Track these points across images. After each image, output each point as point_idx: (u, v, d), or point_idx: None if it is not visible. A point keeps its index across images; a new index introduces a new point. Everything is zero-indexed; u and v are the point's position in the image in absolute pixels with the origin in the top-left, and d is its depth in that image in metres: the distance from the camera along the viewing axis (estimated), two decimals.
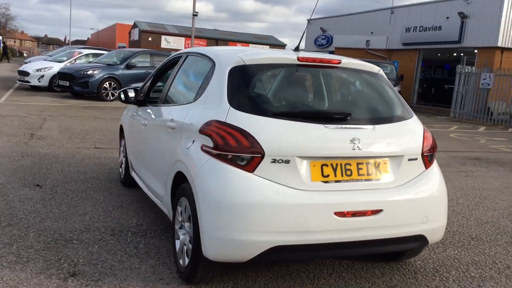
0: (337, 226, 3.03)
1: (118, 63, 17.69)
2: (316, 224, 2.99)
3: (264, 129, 3.05)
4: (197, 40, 48.78)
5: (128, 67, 17.37)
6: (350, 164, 3.15)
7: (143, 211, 4.96)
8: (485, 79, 19.39)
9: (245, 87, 3.31)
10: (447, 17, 23.42)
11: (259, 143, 2.99)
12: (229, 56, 3.53)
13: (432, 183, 3.42)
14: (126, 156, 5.64)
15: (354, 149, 3.14)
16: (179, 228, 3.58)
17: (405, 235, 3.25)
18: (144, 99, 5.13)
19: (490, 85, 19.23)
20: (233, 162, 3.01)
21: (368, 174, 3.19)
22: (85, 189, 5.65)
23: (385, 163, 3.25)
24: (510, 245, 4.70)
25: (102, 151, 7.96)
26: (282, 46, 63.85)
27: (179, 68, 4.39)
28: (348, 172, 3.14)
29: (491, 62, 20.99)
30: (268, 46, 61.86)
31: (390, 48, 26.96)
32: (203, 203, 3.03)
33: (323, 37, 32.76)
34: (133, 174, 5.34)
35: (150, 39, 57.98)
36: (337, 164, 3.13)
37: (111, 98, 16.80)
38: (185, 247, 3.41)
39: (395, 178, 3.27)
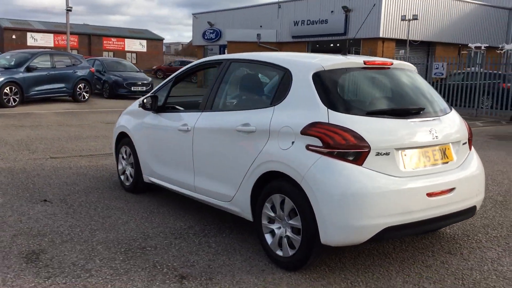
0: (428, 205, 3.61)
1: (15, 65, 16.46)
2: (414, 205, 3.54)
3: (365, 127, 3.52)
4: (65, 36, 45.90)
5: (29, 69, 16.29)
6: (429, 152, 3.75)
7: (179, 214, 5.11)
8: (437, 68, 20.37)
9: (333, 90, 3.74)
10: (332, 11, 25.26)
11: (365, 140, 3.45)
12: (306, 63, 3.92)
13: (478, 162, 4.16)
14: (136, 164, 5.66)
15: (433, 138, 3.74)
16: (268, 222, 3.89)
17: (466, 207, 3.93)
18: (163, 106, 5.25)
19: (444, 74, 20.42)
20: (343, 158, 3.44)
21: (441, 159, 3.82)
22: (97, 200, 5.59)
23: (449, 148, 3.90)
24: None
25: (62, 161, 7.68)
26: (159, 40, 62.96)
27: (223, 75, 4.60)
28: (429, 158, 3.74)
29: (375, 52, 23.15)
30: (145, 41, 60.64)
31: (280, 41, 28.29)
32: (321, 197, 3.41)
33: (211, 31, 33.25)
34: (153, 180, 5.42)
35: (14, 37, 53.71)
36: (422, 152, 3.71)
37: (13, 104, 15.64)
38: (284, 239, 3.74)
39: (456, 161, 3.93)
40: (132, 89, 21.09)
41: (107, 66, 22.12)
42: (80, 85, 18.14)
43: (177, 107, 5.33)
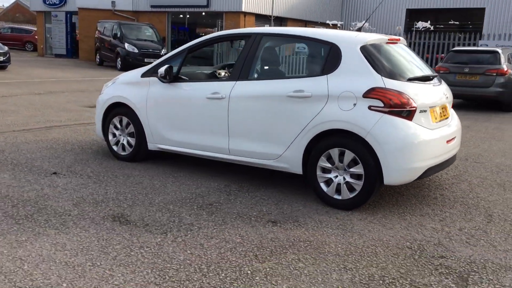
0: (446, 150, 4.80)
1: None
2: (441, 150, 4.69)
3: (411, 90, 4.51)
4: None
5: None
6: (442, 109, 4.90)
7: (206, 176, 5.57)
8: None
9: (379, 61, 4.65)
10: None
11: (413, 100, 4.43)
12: (352, 38, 4.76)
13: (458, 119, 5.45)
14: (138, 133, 5.88)
15: (445, 98, 4.91)
16: (322, 172, 4.68)
17: (455, 153, 5.21)
18: (176, 76, 5.58)
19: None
20: (399, 115, 4.39)
21: (445, 115, 5.01)
22: (110, 169, 5.72)
23: (447, 107, 5.10)
24: None
25: (30, 134, 7.33)
26: None
27: (256, 48, 5.15)
28: (441, 114, 4.89)
29: (237, 25, 24.27)
30: None
31: (137, 10, 27.69)
32: (386, 147, 4.34)
33: None
34: (164, 147, 5.75)
35: None
36: (439, 109, 4.84)
37: None
38: (343, 185, 4.57)
39: (450, 117, 5.16)
40: None
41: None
42: None
43: (183, 77, 5.68)
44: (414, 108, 4.47)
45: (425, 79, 4.89)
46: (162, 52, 22.58)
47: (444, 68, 13.13)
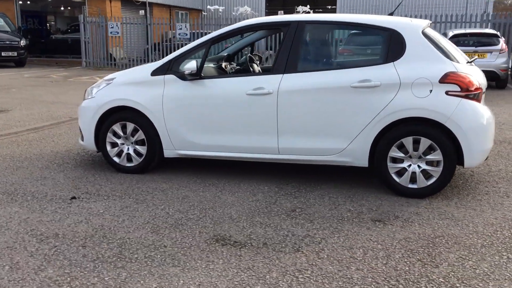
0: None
1: None
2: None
3: (475, 73, 4.58)
4: None
5: None
6: None
7: (244, 180, 5.07)
8: (112, 27, 20.79)
9: (439, 45, 4.62)
10: None
11: (480, 83, 4.52)
12: (411, 24, 4.65)
13: None
14: (151, 139, 5.13)
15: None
16: (393, 162, 4.56)
17: None
18: (198, 73, 4.96)
19: (119, 33, 20.88)
20: (474, 98, 4.45)
21: None
22: (128, 185, 4.90)
23: None
24: None
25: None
26: None
27: (300, 37, 4.76)
28: None
29: (104, 11, 22.56)
30: None
31: None
32: (467, 131, 4.36)
33: None
34: (188, 152, 5.10)
35: None
36: None
37: None
38: (419, 173, 4.50)
39: None
40: None
41: None
42: None
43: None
44: (481, 91, 4.56)
45: (472, 62, 5.02)
46: (21, 43, 20.08)
47: (347, 50, 13.77)
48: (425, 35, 4.61)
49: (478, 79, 4.56)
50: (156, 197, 4.55)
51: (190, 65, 4.84)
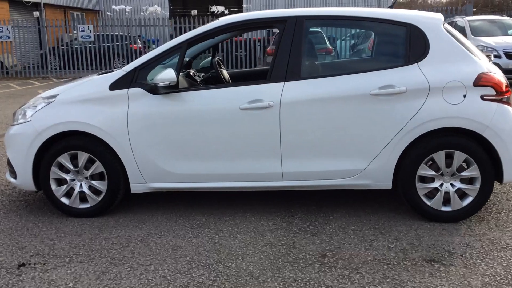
0: None
1: None
2: None
3: (499, 73, 3.97)
4: None
5: None
6: None
7: (239, 209, 4.06)
8: (2, 31, 18.45)
9: (462, 42, 3.94)
10: None
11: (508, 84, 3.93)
12: (431, 18, 3.93)
13: None
14: (114, 172, 3.97)
15: None
16: (422, 182, 3.84)
17: None
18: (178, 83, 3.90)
19: (10, 37, 18.57)
20: (507, 102, 3.84)
21: None
22: (118, 242, 3.69)
23: None
24: None
25: None
26: None
27: (300, 37, 3.85)
28: None
29: None
30: None
31: None
32: (508, 140, 3.72)
33: None
34: (164, 185, 4.01)
35: None
36: None
37: None
38: (454, 194, 3.80)
39: None
40: None
41: None
42: None
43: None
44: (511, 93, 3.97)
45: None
46: None
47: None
48: (447, 30, 3.94)
49: (505, 79, 3.97)
50: (137, 251, 3.41)
51: (167, 75, 3.73)
